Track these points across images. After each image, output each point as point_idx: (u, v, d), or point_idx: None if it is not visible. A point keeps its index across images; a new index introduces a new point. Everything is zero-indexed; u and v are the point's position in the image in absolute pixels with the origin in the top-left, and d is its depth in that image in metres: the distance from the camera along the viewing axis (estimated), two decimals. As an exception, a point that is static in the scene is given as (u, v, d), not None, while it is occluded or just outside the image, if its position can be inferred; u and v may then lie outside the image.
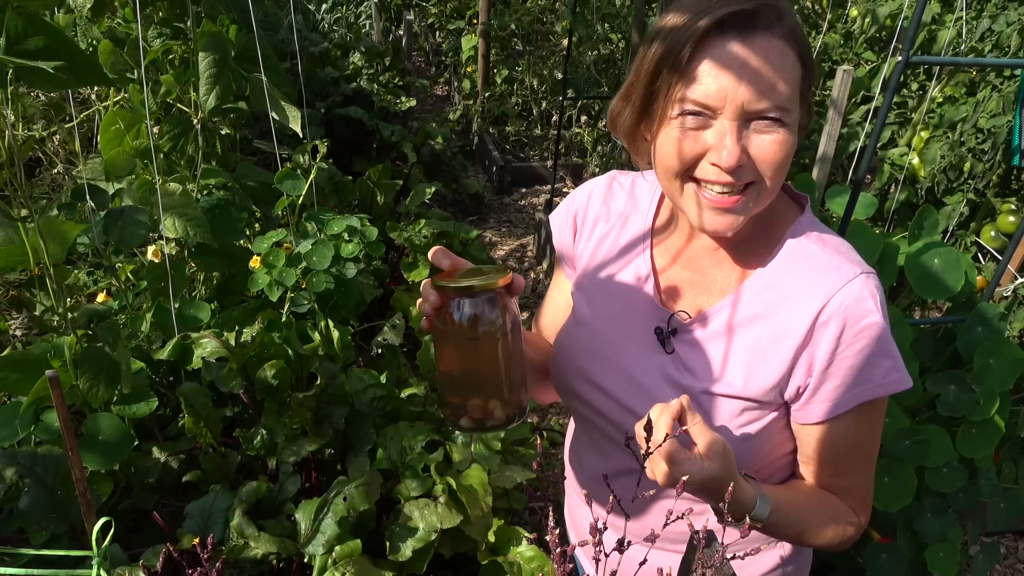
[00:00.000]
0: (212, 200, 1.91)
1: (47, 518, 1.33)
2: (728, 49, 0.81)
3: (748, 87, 0.81)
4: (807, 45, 0.86)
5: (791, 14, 0.84)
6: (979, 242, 2.79)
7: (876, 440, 0.99)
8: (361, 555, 1.39)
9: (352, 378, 1.69)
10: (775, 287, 0.93)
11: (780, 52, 0.82)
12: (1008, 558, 2.51)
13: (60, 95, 2.68)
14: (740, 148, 0.83)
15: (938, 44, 3.07)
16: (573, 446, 1.21)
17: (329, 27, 5.01)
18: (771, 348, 0.92)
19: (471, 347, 0.86)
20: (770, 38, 0.82)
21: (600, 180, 1.12)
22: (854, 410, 0.92)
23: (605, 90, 4.85)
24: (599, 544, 0.67)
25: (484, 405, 0.88)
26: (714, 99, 0.82)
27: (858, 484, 1.01)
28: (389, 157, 3.85)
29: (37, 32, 1.08)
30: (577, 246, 1.11)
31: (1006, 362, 1.66)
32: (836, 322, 0.88)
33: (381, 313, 2.67)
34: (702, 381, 0.96)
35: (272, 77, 1.93)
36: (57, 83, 1.12)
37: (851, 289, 0.89)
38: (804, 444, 0.98)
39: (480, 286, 0.83)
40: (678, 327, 0.98)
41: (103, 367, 1.46)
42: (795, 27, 0.84)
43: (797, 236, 0.95)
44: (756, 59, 0.81)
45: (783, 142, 0.85)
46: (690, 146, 0.86)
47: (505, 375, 0.88)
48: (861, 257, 0.94)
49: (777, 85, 0.82)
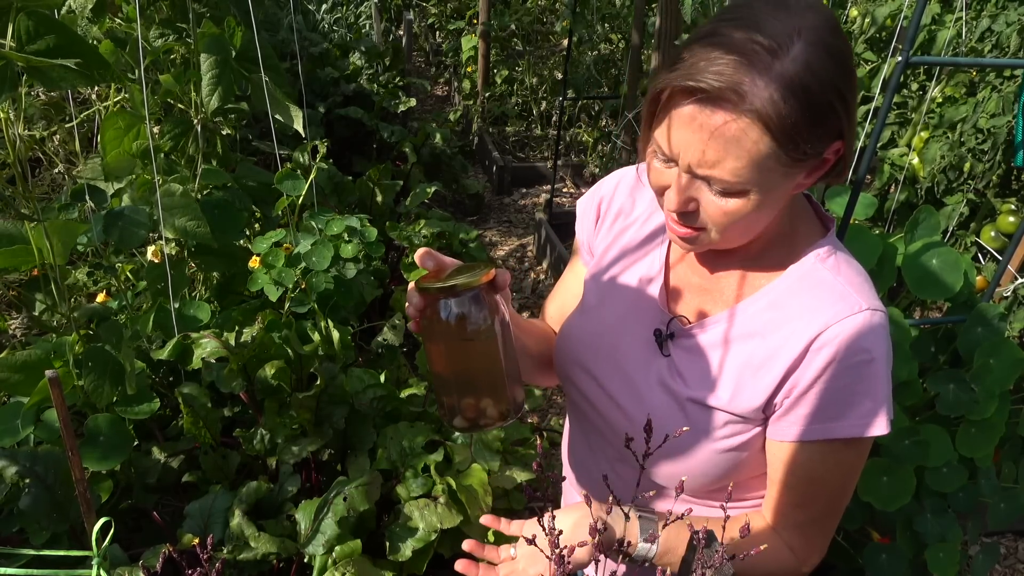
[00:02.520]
0: (212, 200, 1.91)
1: (47, 518, 1.33)
2: (688, 113, 0.81)
3: (696, 153, 0.82)
4: (803, 113, 0.78)
5: (778, 87, 0.77)
6: (979, 242, 2.79)
7: (844, 483, 0.95)
8: (361, 555, 1.39)
9: (352, 378, 1.69)
10: (778, 307, 0.93)
11: (736, 133, 0.79)
12: (1008, 558, 2.51)
13: (60, 95, 2.68)
14: (684, 198, 0.86)
15: (938, 44, 3.07)
16: (569, 438, 1.22)
17: (329, 27, 5.01)
18: (762, 367, 0.92)
19: (459, 347, 0.86)
20: (729, 117, 0.79)
21: (629, 171, 1.13)
22: (825, 444, 0.91)
23: (605, 90, 4.85)
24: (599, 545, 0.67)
25: (476, 404, 0.88)
26: (670, 150, 0.85)
27: (811, 521, 0.97)
28: (389, 157, 3.85)
29: (48, 31, 1.09)
30: (598, 234, 1.12)
31: (1006, 362, 1.66)
32: (829, 351, 0.87)
33: (381, 313, 2.68)
34: (691, 389, 0.96)
35: (273, 77, 1.93)
36: (68, 81, 1.12)
37: (852, 322, 0.87)
38: (770, 461, 0.97)
39: (462, 285, 0.83)
40: (676, 331, 0.99)
41: (108, 367, 1.47)
42: (766, 108, 0.77)
43: (813, 259, 0.94)
44: (708, 131, 0.80)
45: (730, 210, 0.85)
46: (656, 178, 0.90)
47: (496, 373, 0.88)
48: (875, 293, 0.92)
49: (725, 161, 0.81)
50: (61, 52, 1.09)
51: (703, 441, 0.95)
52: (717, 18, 0.84)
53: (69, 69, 1.06)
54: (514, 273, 3.93)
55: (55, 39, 1.08)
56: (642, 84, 3.73)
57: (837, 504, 0.97)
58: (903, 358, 1.67)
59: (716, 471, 0.97)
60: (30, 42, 1.07)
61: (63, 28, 1.10)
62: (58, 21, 1.10)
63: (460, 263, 0.91)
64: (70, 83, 1.13)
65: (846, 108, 0.82)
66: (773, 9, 0.80)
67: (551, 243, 3.76)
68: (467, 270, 0.87)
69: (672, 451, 0.85)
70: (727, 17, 0.82)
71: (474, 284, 0.83)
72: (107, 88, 2.34)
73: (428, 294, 0.85)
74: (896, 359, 1.66)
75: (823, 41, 0.79)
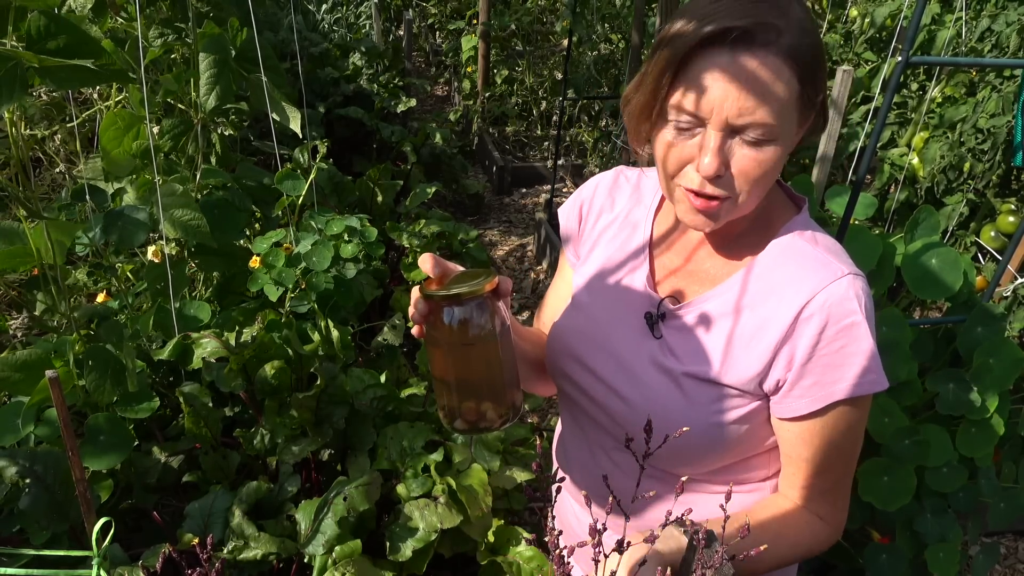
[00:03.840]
0: (212, 200, 1.91)
1: (47, 518, 1.33)
2: (719, 62, 0.83)
3: (735, 102, 0.83)
4: (814, 57, 0.85)
5: (796, 28, 0.83)
6: (979, 242, 2.79)
7: (855, 442, 0.99)
8: (361, 555, 1.39)
9: (352, 378, 1.69)
10: (763, 279, 0.96)
11: (773, 70, 0.82)
12: (1008, 558, 2.51)
13: (61, 95, 2.68)
14: (720, 159, 0.87)
15: (938, 44, 3.07)
16: (561, 435, 1.23)
17: (329, 27, 5.01)
18: (753, 338, 0.94)
19: (461, 353, 0.88)
20: (764, 55, 0.82)
21: (607, 174, 1.16)
22: (832, 408, 0.94)
23: (605, 90, 4.85)
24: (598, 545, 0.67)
25: (477, 407, 0.90)
26: (702, 109, 0.85)
27: (834, 485, 1.01)
28: (389, 157, 3.85)
29: (60, 31, 1.08)
30: (581, 235, 1.15)
31: (1006, 361, 1.66)
32: (819, 318, 0.90)
33: (381, 313, 2.68)
34: (685, 364, 0.98)
35: (272, 77, 1.93)
36: (77, 81, 1.12)
37: (837, 288, 0.91)
38: (782, 441, 1.00)
39: (466, 294, 0.84)
40: (666, 313, 1.01)
41: (108, 367, 1.47)
42: (796, 45, 0.83)
43: (791, 233, 0.97)
44: (745, 76, 0.82)
45: (763, 160, 0.87)
46: (678, 152, 0.90)
47: (496, 378, 0.90)
48: (853, 260, 0.96)
49: (764, 102, 0.83)
50: (72, 52, 1.08)
51: (702, 415, 0.96)
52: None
53: (78, 69, 1.05)
54: (514, 273, 3.93)
55: (66, 38, 1.08)
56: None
57: (851, 463, 1.01)
58: (903, 358, 1.67)
59: (717, 448, 0.99)
60: (40, 41, 1.07)
61: (74, 28, 1.10)
62: (69, 20, 1.10)
63: (463, 269, 0.92)
64: (78, 83, 1.13)
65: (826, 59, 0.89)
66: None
67: (551, 243, 3.76)
68: (470, 277, 0.89)
69: (672, 430, 0.86)
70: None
71: (478, 292, 0.85)
72: (108, 88, 2.34)
73: (433, 301, 0.86)
74: (896, 359, 1.66)
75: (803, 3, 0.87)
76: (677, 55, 0.85)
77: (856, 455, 1.01)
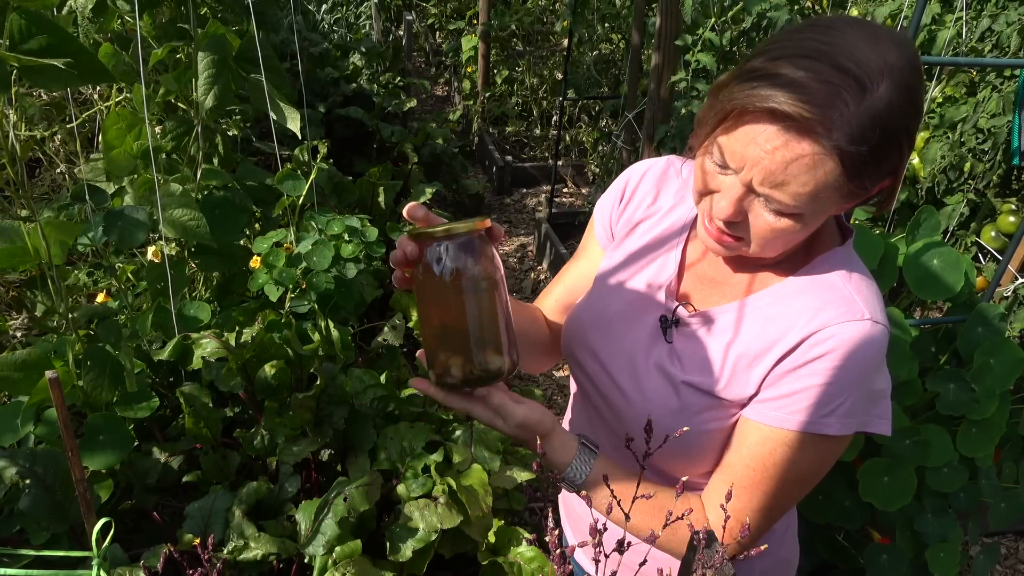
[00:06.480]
0: (212, 200, 1.91)
1: (47, 518, 1.33)
2: (764, 131, 0.80)
3: (762, 172, 0.81)
4: (876, 150, 0.78)
5: (866, 118, 0.77)
6: (979, 242, 2.79)
7: (789, 482, 0.93)
8: (361, 555, 1.39)
9: (352, 378, 1.69)
10: (783, 303, 0.94)
11: (811, 162, 0.78)
12: (1008, 558, 2.51)
13: (61, 95, 2.68)
14: (735, 209, 0.86)
15: (938, 44, 3.06)
16: (571, 426, 1.23)
17: (329, 27, 5.01)
18: (757, 358, 0.93)
19: (455, 297, 0.82)
20: (808, 146, 0.78)
21: (659, 161, 1.13)
22: (782, 433, 0.91)
23: (605, 90, 4.85)
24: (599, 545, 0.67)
25: (478, 355, 0.84)
26: (734, 161, 0.84)
27: (744, 510, 0.94)
28: (389, 157, 3.85)
29: (40, 31, 1.08)
30: (621, 217, 1.13)
31: (1006, 361, 1.66)
32: (821, 348, 0.88)
33: (381, 313, 2.68)
34: (687, 373, 0.98)
35: (272, 78, 1.93)
36: (61, 81, 1.11)
37: (851, 328, 0.88)
38: (734, 437, 0.97)
39: (460, 229, 0.80)
40: (682, 319, 1.01)
41: (107, 367, 1.47)
42: (845, 143, 0.77)
43: (826, 264, 0.94)
44: (782, 156, 0.79)
45: (778, 228, 0.85)
46: (706, 180, 0.89)
47: (495, 323, 0.84)
48: (882, 307, 0.92)
49: (791, 185, 0.80)
50: (54, 52, 1.08)
51: (692, 422, 0.96)
52: (803, 32, 0.81)
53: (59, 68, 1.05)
54: (514, 273, 3.93)
55: (47, 39, 1.08)
56: (642, 84, 3.72)
57: (775, 498, 0.94)
58: (903, 358, 1.67)
59: (706, 452, 0.99)
60: (23, 42, 1.07)
61: (56, 28, 1.09)
62: (51, 20, 1.09)
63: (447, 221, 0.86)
64: (64, 83, 1.12)
65: (909, 148, 0.83)
66: (866, 38, 0.78)
67: (551, 243, 3.76)
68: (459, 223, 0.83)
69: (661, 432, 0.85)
70: (816, 37, 0.79)
71: (472, 228, 0.81)
72: (108, 88, 2.34)
73: (424, 240, 0.81)
74: (896, 359, 1.66)
75: (907, 83, 0.78)
76: (735, 103, 0.81)
77: (784, 499, 0.94)
